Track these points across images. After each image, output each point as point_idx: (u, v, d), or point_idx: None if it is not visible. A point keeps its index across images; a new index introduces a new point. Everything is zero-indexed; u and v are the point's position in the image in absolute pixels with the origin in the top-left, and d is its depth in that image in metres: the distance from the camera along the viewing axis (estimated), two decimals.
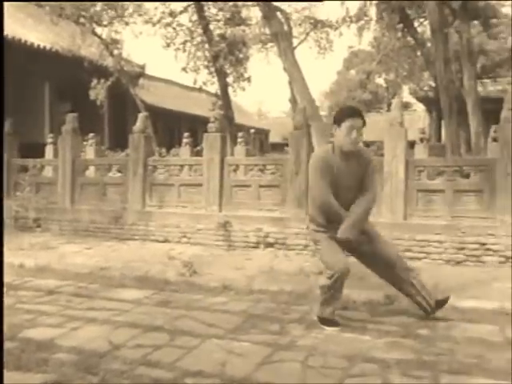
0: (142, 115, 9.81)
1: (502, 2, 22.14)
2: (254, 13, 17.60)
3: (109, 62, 16.05)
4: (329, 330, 4.18)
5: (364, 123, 4.28)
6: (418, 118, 29.93)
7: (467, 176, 7.51)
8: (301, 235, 7.67)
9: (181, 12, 16.56)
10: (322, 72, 71.44)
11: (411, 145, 8.56)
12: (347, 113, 4.29)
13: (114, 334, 4.05)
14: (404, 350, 3.69)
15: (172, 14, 16.38)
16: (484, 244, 6.92)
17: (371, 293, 5.10)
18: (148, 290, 5.56)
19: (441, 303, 4.44)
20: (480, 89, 19.16)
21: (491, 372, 3.32)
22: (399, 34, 20.59)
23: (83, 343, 3.80)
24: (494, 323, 4.33)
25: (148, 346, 3.78)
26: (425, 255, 7.21)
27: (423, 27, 20.37)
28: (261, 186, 8.32)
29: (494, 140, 8.49)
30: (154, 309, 4.84)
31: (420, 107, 32.47)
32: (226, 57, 16.65)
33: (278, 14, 13.06)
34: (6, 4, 9.79)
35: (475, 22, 21.63)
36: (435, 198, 7.47)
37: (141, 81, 18.46)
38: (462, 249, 7.05)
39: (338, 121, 4.27)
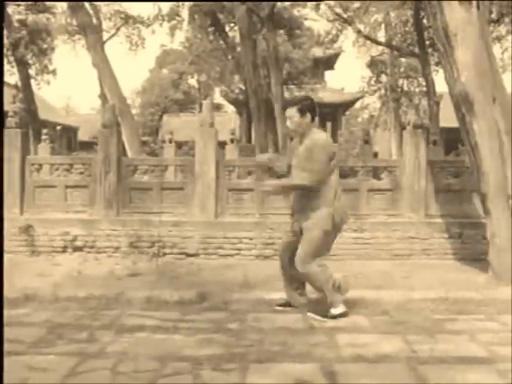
0: None
1: (304, 15, 24.09)
2: None
3: None
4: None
5: (298, 111, 4.49)
6: (229, 119, 31.12)
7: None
8: (112, 237, 7.43)
9: None
10: (134, 69, 70.29)
11: (222, 145, 8.81)
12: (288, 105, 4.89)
13: None
14: (215, 346, 3.76)
15: None
16: None
17: (184, 292, 5.11)
18: None
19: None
20: (286, 94, 20.62)
21: (295, 356, 3.55)
22: (211, 37, 21.18)
23: None
24: (298, 311, 4.64)
25: None
26: (237, 252, 7.47)
27: (234, 32, 21.24)
28: (68, 187, 7.85)
29: None
30: None
31: (231, 109, 33.83)
32: (28, 46, 15.45)
33: (86, 4, 12.47)
34: None
35: (281, 31, 23.22)
36: (245, 197, 7.80)
37: None
38: (271, 244, 7.46)
39: None
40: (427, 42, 17.93)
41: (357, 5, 18.88)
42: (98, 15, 15.62)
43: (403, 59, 25.48)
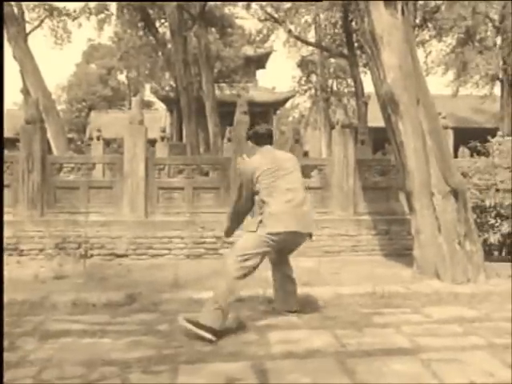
0: None
1: (235, 14, 24.12)
2: None
3: None
4: None
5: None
6: (160, 117, 30.63)
7: (206, 174, 7.93)
8: (36, 238, 7.14)
9: None
10: (60, 64, 67.70)
11: (152, 143, 8.65)
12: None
13: None
14: (144, 348, 3.67)
15: None
16: (220, 237, 7.36)
17: (112, 294, 4.97)
18: None
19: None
20: (217, 92, 20.55)
21: (226, 355, 3.53)
22: (141, 33, 20.75)
23: None
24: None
25: None
26: (167, 251, 7.38)
27: (165, 28, 20.88)
28: None
29: (229, 140, 9.20)
30: None
31: (162, 106, 33.30)
32: None
33: None
34: None
35: (212, 29, 23.11)
36: (175, 196, 7.70)
37: None
38: (202, 243, 7.41)
39: None
40: (355, 44, 18.41)
41: (288, 5, 19.11)
42: (21, 5, 14.89)
43: (332, 60, 26.05)
